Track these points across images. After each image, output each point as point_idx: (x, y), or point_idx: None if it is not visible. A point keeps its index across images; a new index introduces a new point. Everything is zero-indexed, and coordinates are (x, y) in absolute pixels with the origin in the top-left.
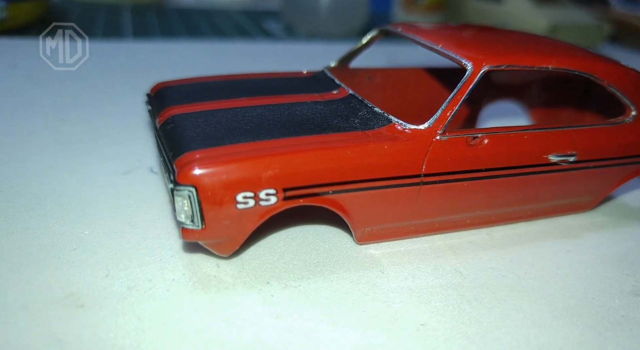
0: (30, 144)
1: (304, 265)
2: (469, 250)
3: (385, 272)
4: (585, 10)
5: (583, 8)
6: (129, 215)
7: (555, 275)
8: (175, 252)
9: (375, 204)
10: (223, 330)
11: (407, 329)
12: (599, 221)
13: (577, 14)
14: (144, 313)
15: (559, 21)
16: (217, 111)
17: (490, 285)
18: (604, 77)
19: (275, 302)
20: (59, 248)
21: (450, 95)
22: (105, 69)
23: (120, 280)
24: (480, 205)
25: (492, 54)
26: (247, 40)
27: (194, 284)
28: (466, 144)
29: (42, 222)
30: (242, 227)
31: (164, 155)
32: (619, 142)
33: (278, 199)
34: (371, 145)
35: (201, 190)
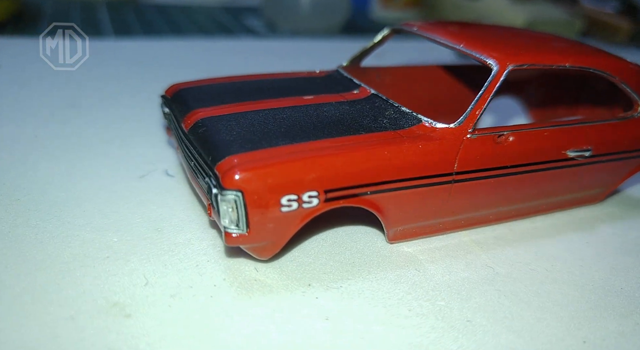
0: (37, 149)
1: (340, 266)
2: (495, 245)
3: (421, 270)
4: (558, 7)
5: (555, 4)
6: (155, 220)
7: (581, 267)
8: (211, 256)
9: (409, 203)
10: (275, 334)
11: (455, 326)
12: (609, 212)
13: (551, 10)
14: (192, 321)
15: (535, 17)
16: (247, 113)
17: (522, 279)
18: (615, 74)
19: (321, 304)
20: (92, 257)
21: (478, 94)
22: (94, 69)
23: (161, 288)
24: (505, 200)
25: (515, 53)
26: (231, 38)
27: (237, 288)
28: (493, 142)
29: (68, 230)
30: (285, 230)
31: (196, 159)
32: (629, 136)
33: (319, 201)
34: (406, 145)
35: (247, 194)
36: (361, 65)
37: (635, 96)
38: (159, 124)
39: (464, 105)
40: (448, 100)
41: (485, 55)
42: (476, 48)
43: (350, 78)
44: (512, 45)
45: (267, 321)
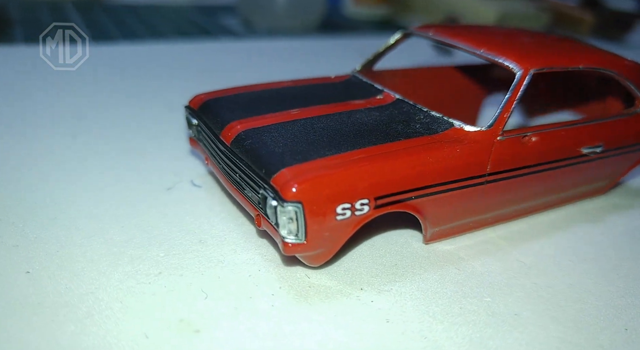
0: (53, 165)
1: (384, 269)
2: (520, 240)
3: (460, 268)
4: (525, 1)
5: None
6: (195, 232)
7: (602, 257)
8: (260, 266)
9: (447, 205)
10: (343, 339)
11: (506, 321)
12: (614, 203)
13: (519, 4)
14: (261, 331)
15: (506, 11)
16: (285, 124)
17: (552, 271)
18: (621, 72)
19: (378, 307)
20: (144, 273)
21: (504, 98)
22: (83, 76)
23: (222, 301)
24: (527, 197)
25: (535, 57)
26: (211, 39)
27: (294, 296)
28: (519, 143)
29: (113, 248)
30: (339, 238)
31: (242, 171)
32: (633, 131)
33: (370, 208)
34: (446, 150)
35: (307, 205)
36: (373, 69)
37: (638, 92)
38: (171, 132)
39: (475, 104)
40: (460, 100)
41: (508, 61)
42: (497, 53)
43: (370, 83)
44: (531, 50)
45: (332, 327)
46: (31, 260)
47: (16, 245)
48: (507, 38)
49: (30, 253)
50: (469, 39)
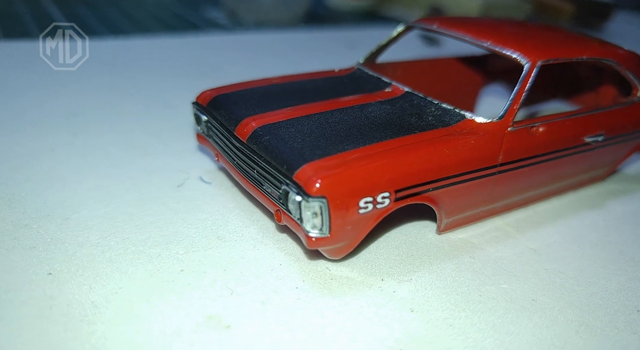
0: (56, 164)
1: (402, 259)
2: (527, 227)
3: (475, 256)
4: None
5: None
6: (212, 229)
7: (608, 243)
8: (282, 260)
9: (461, 196)
10: (372, 330)
11: (525, 306)
12: (611, 189)
13: None
14: (291, 324)
15: (490, 1)
16: (300, 119)
17: (561, 257)
18: (621, 62)
19: (400, 297)
20: (167, 272)
21: (514, 91)
22: (74, 73)
23: (248, 296)
24: (534, 186)
25: (541, 49)
26: (199, 33)
27: (319, 288)
28: (528, 133)
29: (131, 247)
30: (361, 231)
31: (262, 167)
32: (631, 120)
33: (390, 201)
34: (461, 141)
35: (331, 200)
36: (376, 61)
37: (636, 82)
38: (172, 129)
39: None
40: (459, 90)
41: (515, 53)
42: (504, 45)
43: (377, 76)
44: (535, 41)
45: (360, 318)
46: (51, 262)
47: (33, 247)
48: (510, 30)
49: (49, 254)
50: (474, 31)
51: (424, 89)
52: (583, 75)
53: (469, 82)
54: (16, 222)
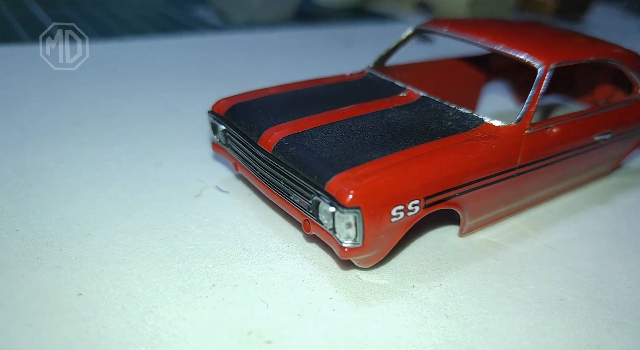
0: (69, 177)
1: (428, 264)
2: (542, 226)
3: (499, 258)
4: None
5: None
6: (236, 240)
7: (622, 237)
8: (311, 270)
9: (484, 199)
10: (411, 338)
11: (554, 306)
12: (616, 183)
13: None
14: (331, 336)
15: None
16: (323, 128)
17: (580, 254)
18: (625, 62)
19: (433, 303)
20: (198, 287)
21: (530, 94)
22: (70, 76)
23: (284, 309)
24: (547, 185)
25: (553, 52)
26: (190, 33)
27: (352, 298)
28: (543, 135)
29: (158, 263)
30: (392, 239)
31: (290, 178)
32: (634, 117)
33: (420, 208)
34: (483, 146)
35: (365, 210)
36: (385, 65)
37: (638, 80)
38: (181, 135)
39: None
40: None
41: (529, 57)
42: (517, 49)
43: (391, 81)
44: (547, 44)
45: (398, 326)
46: (79, 281)
47: (58, 266)
48: (519, 32)
49: (76, 274)
50: (486, 34)
51: (432, 89)
52: (578, 71)
53: (471, 81)
54: (37, 241)
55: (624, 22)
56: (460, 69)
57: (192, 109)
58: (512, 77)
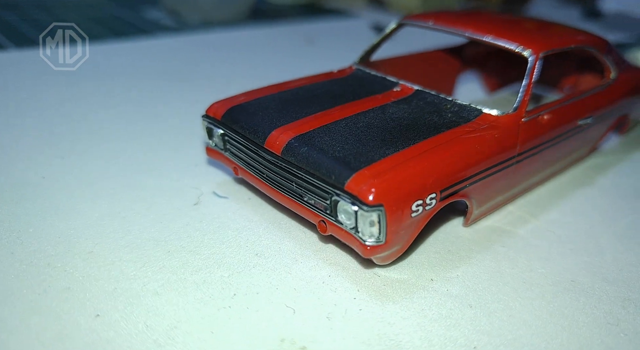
0: (58, 192)
1: (441, 256)
2: (538, 211)
3: (505, 245)
4: None
5: None
6: (246, 246)
7: (611, 217)
8: (329, 271)
9: (489, 188)
10: (441, 331)
11: (568, 288)
12: (593, 165)
13: None
14: (363, 336)
15: None
16: (329, 127)
17: (578, 235)
18: (598, 48)
19: (455, 295)
20: (219, 298)
21: (523, 83)
22: (35, 85)
23: (311, 313)
24: (540, 170)
25: (540, 41)
26: (146, 36)
27: (376, 296)
28: (536, 122)
29: (174, 276)
30: (412, 234)
31: (304, 179)
32: (609, 100)
33: (436, 201)
34: (487, 136)
35: (388, 207)
36: (370, 60)
37: (610, 65)
38: (166, 143)
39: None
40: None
41: (519, 47)
42: (506, 39)
43: (382, 76)
44: (533, 34)
45: (426, 321)
46: (94, 302)
47: (67, 287)
48: (504, 23)
49: (88, 294)
50: (473, 26)
51: (415, 81)
52: None
53: (448, 71)
54: (36, 263)
55: (562, 11)
56: (438, 60)
57: (171, 113)
58: (482, 65)
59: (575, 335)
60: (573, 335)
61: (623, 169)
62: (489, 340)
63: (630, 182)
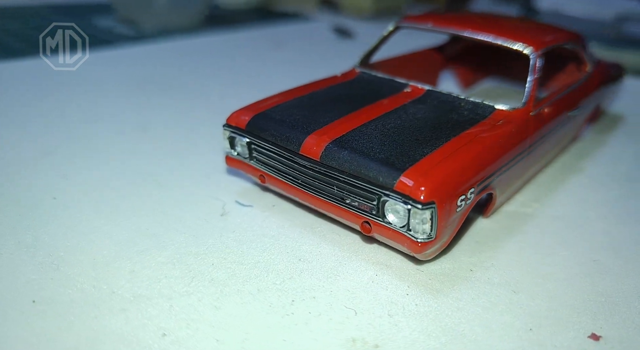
0: (74, 213)
1: (472, 247)
2: (542, 199)
3: (525, 232)
4: None
5: None
6: (287, 252)
7: (608, 200)
8: (375, 270)
9: (508, 180)
10: (497, 317)
11: (594, 268)
12: (577, 153)
13: None
14: (428, 329)
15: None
16: (361, 129)
17: (584, 219)
18: (577, 43)
19: (498, 282)
20: (280, 305)
21: (528, 79)
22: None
23: (372, 312)
24: (540, 160)
25: (538, 39)
26: (108, 47)
27: (426, 290)
28: (540, 115)
29: (224, 288)
30: (455, 228)
31: (347, 182)
32: (588, 92)
33: (474, 195)
34: (506, 131)
35: (439, 204)
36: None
37: (587, 59)
38: (170, 153)
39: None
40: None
41: (521, 45)
42: (508, 38)
43: (390, 78)
44: (528, 32)
45: (479, 310)
46: (155, 321)
47: (123, 309)
48: (500, 23)
49: (146, 313)
50: (472, 27)
51: (412, 79)
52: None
53: (433, 68)
54: (82, 287)
55: (501, 9)
56: (426, 59)
57: (166, 125)
58: (457, 63)
59: (617, 308)
60: (615, 310)
61: (603, 155)
62: (540, 321)
63: (613, 165)
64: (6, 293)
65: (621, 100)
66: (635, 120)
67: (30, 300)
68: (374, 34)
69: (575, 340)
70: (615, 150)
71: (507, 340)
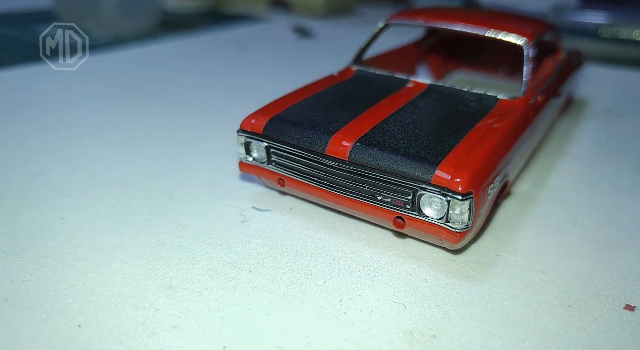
0: (92, 231)
1: (493, 234)
2: (539, 182)
3: (535, 215)
4: None
5: None
6: (320, 253)
7: (599, 178)
8: (410, 264)
9: (517, 166)
10: (532, 296)
11: (607, 244)
12: (558, 137)
13: None
14: (479, 316)
15: None
16: (382, 126)
17: (583, 200)
18: (554, 33)
19: (524, 265)
20: (330, 306)
21: (524, 69)
22: None
23: (420, 304)
24: (533, 146)
25: (527, 31)
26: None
27: (464, 279)
28: (536, 103)
29: (268, 294)
30: (484, 216)
31: (379, 179)
32: (565, 78)
33: (499, 183)
34: (514, 120)
35: (476, 194)
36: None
37: (561, 47)
38: (168, 163)
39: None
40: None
41: (515, 37)
42: (502, 31)
43: (390, 74)
44: (519, 25)
45: (515, 291)
46: (208, 335)
47: (174, 325)
48: (488, 17)
49: (198, 328)
50: (465, 21)
51: (404, 72)
52: (476, 46)
53: (413, 60)
54: (122, 306)
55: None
56: (411, 52)
57: (154, 134)
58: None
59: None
60: (637, 281)
61: (582, 138)
62: (575, 297)
63: (594, 146)
64: (48, 320)
65: (582, 86)
66: (597, 103)
67: (76, 324)
68: (332, 33)
69: (613, 312)
70: (590, 133)
71: (551, 318)
